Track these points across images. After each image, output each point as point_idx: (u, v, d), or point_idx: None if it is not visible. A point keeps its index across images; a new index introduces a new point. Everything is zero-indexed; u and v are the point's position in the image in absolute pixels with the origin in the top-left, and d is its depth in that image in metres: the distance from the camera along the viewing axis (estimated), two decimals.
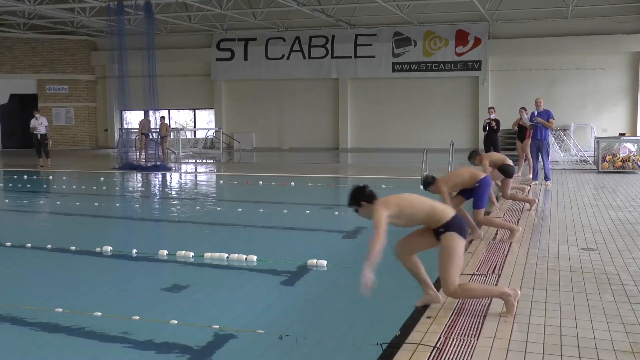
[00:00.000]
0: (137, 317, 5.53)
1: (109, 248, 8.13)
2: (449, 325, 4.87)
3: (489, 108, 17.28)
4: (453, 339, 4.59)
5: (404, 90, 27.66)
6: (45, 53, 30.55)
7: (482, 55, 26.33)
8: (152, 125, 22.09)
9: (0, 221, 11.91)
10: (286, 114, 29.43)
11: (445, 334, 4.69)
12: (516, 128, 16.11)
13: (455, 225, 5.04)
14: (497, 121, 16.35)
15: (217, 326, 5.28)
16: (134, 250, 8.08)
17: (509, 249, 7.40)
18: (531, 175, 14.58)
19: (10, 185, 17.15)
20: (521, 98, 22.07)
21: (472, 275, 6.27)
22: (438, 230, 5.07)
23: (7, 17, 26.96)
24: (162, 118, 23.27)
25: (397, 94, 27.78)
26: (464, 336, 4.63)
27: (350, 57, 27.90)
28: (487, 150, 15.75)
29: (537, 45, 25.52)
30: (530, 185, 13.65)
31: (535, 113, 14.26)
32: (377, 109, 28.20)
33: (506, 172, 9.72)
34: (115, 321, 5.52)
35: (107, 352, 4.98)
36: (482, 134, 17.64)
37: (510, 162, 10.02)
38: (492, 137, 16.32)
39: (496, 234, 8.29)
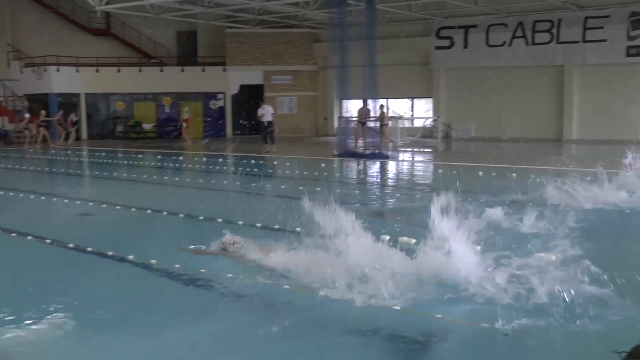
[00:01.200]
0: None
1: None
2: None
3: None
4: None
5: (639, 76, 25.27)
6: (271, 46, 32.49)
7: None
8: (371, 114, 22.45)
9: (231, 202, 12.79)
10: (506, 102, 28.32)
11: None
12: None
13: None
14: None
15: (440, 315, 5.16)
16: None
17: None
18: None
19: (240, 168, 18.49)
20: None
21: None
22: None
23: (240, 15, 29.08)
24: (382, 107, 23.56)
25: (631, 81, 25.40)
26: None
27: (578, 41, 26.11)
28: None
29: None
30: None
31: None
32: (606, 98, 26.08)
33: None
34: (337, 304, 5.64)
35: (328, 337, 5.06)
36: None
37: None
38: None
39: None
